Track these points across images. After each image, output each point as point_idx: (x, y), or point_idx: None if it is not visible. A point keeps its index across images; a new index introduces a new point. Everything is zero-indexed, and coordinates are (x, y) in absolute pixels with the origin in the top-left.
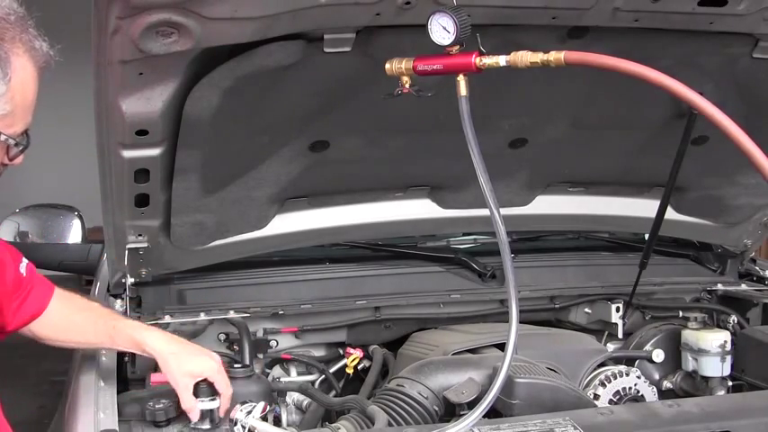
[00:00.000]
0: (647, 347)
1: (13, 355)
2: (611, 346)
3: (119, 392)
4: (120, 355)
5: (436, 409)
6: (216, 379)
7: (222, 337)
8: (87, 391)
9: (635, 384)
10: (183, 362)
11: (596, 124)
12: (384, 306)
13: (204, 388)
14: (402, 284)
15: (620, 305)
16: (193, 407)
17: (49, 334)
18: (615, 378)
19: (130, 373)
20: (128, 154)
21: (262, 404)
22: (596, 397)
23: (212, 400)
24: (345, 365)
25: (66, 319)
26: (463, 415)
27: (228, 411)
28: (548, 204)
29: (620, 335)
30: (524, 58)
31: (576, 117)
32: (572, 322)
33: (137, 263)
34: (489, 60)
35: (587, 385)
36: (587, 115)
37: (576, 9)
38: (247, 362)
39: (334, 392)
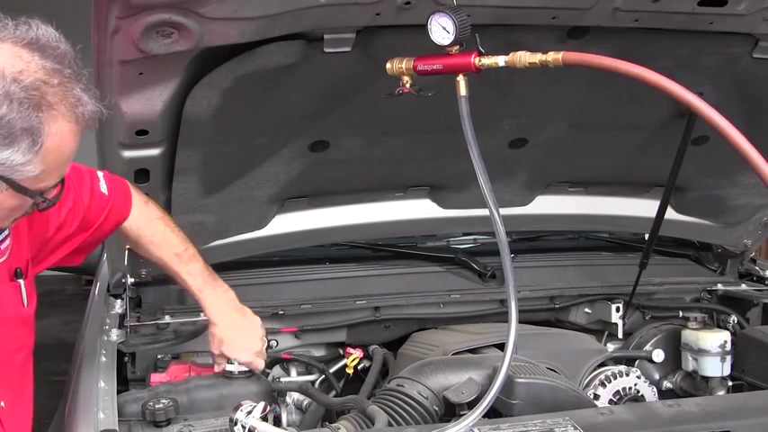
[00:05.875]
0: (647, 347)
1: None
2: (611, 346)
3: (119, 392)
4: (120, 354)
5: (436, 409)
6: (249, 364)
7: None
8: (87, 391)
9: (635, 384)
10: (226, 346)
11: (596, 124)
12: (384, 306)
13: None
14: (402, 284)
15: (620, 305)
16: (220, 366)
17: (127, 243)
18: (615, 378)
19: (130, 373)
20: (128, 154)
21: (262, 404)
22: (596, 397)
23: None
24: (345, 365)
25: (147, 246)
26: (463, 415)
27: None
28: (548, 204)
29: (620, 335)
30: (523, 58)
31: (575, 117)
32: (572, 322)
33: (137, 263)
34: (488, 61)
35: (587, 385)
36: (587, 115)
37: (575, 9)
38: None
39: (334, 392)
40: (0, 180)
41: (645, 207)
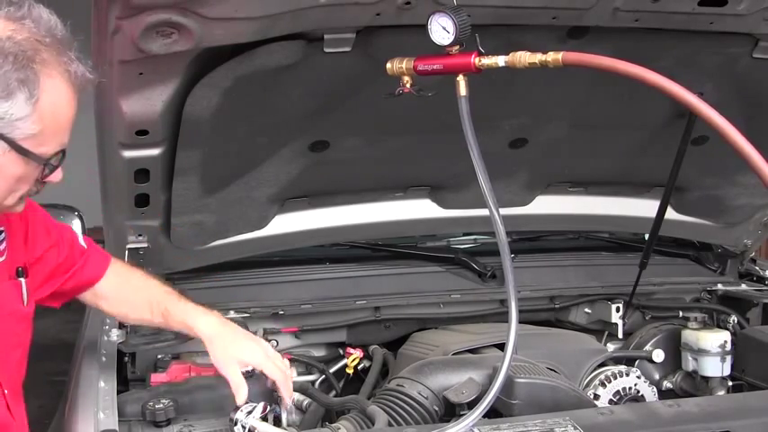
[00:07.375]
0: (647, 347)
1: None
2: (611, 346)
3: (119, 392)
4: (120, 354)
5: (436, 409)
6: (263, 365)
7: None
8: (87, 391)
9: (635, 384)
10: (229, 347)
11: (596, 124)
12: (384, 306)
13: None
14: (402, 284)
15: (620, 305)
16: (239, 386)
17: (105, 307)
18: (615, 378)
19: (130, 373)
20: (128, 154)
21: (262, 404)
22: (596, 397)
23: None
24: (345, 365)
25: (122, 294)
26: (463, 415)
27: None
28: (548, 204)
29: (620, 335)
30: (523, 58)
31: (575, 117)
32: (572, 322)
33: (137, 263)
34: (488, 61)
35: (587, 385)
36: (587, 115)
37: (576, 9)
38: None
39: (334, 392)
40: (1, 140)
41: (645, 207)
